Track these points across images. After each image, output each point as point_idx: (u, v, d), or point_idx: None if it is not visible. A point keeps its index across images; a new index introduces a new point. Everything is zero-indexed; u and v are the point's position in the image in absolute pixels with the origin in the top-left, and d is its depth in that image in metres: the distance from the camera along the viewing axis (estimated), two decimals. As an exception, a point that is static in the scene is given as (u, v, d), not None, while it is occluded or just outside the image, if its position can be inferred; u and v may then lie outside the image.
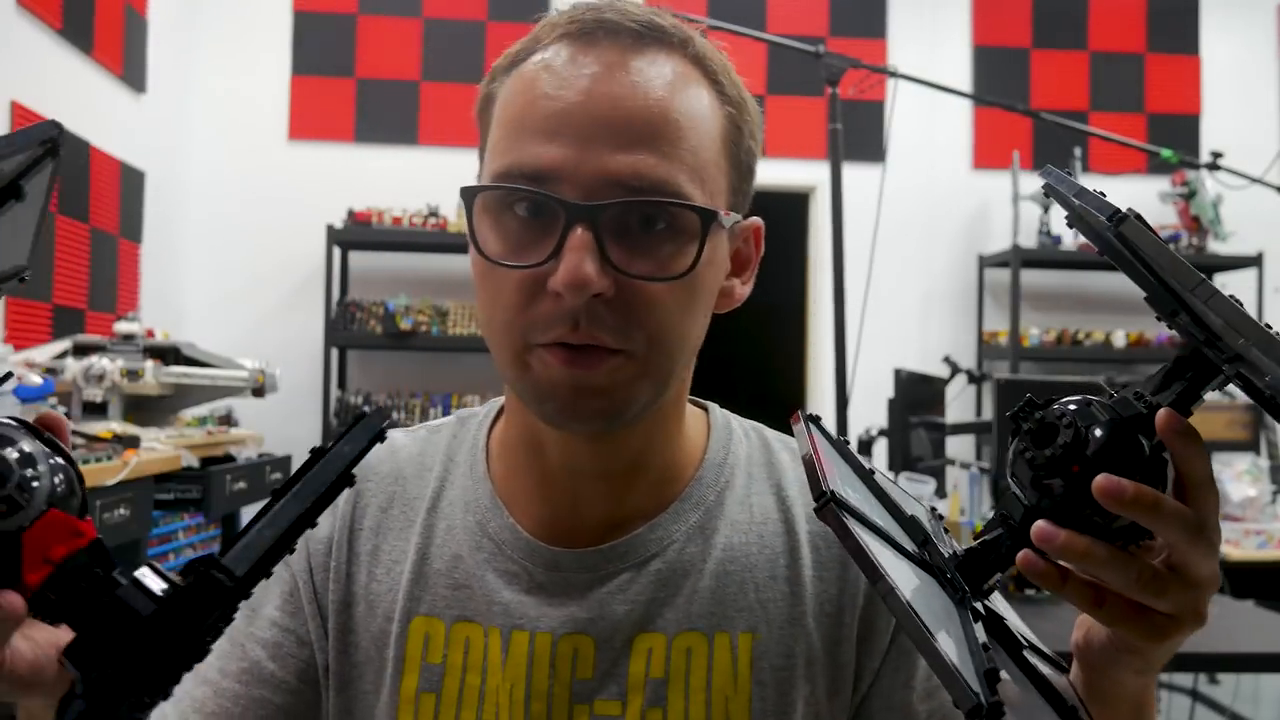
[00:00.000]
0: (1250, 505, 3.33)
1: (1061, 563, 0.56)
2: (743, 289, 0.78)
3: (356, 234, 4.40)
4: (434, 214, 4.44)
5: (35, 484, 0.48)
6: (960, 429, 3.83)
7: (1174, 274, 0.51)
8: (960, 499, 2.80)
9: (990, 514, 2.85)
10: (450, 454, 0.82)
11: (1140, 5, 5.10)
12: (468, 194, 0.70)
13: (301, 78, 4.67)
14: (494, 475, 0.79)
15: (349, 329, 4.41)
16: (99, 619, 0.48)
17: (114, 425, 2.64)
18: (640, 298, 0.66)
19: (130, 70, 3.90)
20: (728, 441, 0.81)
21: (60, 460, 0.50)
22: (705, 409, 0.84)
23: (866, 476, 0.65)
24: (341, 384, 4.59)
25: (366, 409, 4.38)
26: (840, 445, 0.66)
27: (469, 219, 0.70)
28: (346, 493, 0.79)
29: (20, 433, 0.49)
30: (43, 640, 0.54)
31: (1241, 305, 0.50)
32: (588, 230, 0.64)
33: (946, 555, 0.60)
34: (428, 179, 4.55)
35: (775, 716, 0.73)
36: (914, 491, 2.91)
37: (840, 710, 0.76)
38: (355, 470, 0.78)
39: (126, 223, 3.92)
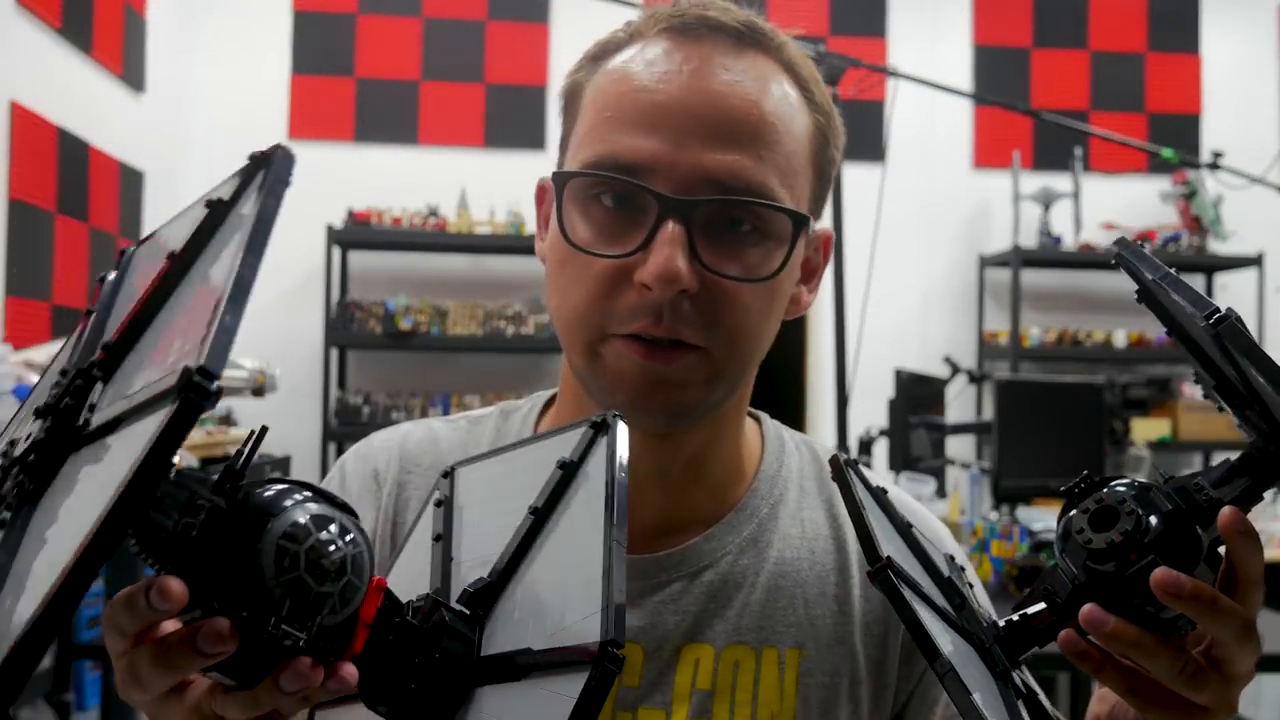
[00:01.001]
0: (1251, 505, 3.32)
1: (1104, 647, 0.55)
2: (809, 297, 0.77)
3: (356, 234, 4.40)
4: (434, 214, 4.43)
5: (363, 564, 0.47)
6: (960, 429, 3.83)
7: (1275, 381, 0.50)
8: (960, 499, 2.80)
9: (990, 514, 2.84)
10: (494, 447, 0.80)
11: (1141, 5, 5.10)
12: (560, 179, 0.69)
13: (301, 77, 4.67)
14: None
15: (349, 329, 4.40)
16: (421, 669, 0.49)
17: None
18: (724, 297, 0.66)
19: (130, 70, 3.90)
20: (781, 454, 0.81)
21: (356, 520, 0.48)
22: (758, 420, 0.83)
23: (905, 530, 0.64)
24: (341, 384, 4.59)
25: (366, 409, 4.38)
26: (879, 494, 0.65)
27: (557, 205, 0.69)
28: (387, 486, 0.78)
29: (326, 506, 0.47)
30: None
31: None
32: (680, 225, 0.64)
33: (985, 623, 0.59)
34: (428, 179, 4.55)
35: None
36: (914, 491, 2.90)
37: None
38: (399, 461, 0.79)
39: (126, 223, 3.92)
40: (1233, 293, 4.97)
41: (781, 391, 5.13)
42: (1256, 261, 4.75)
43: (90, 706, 3.48)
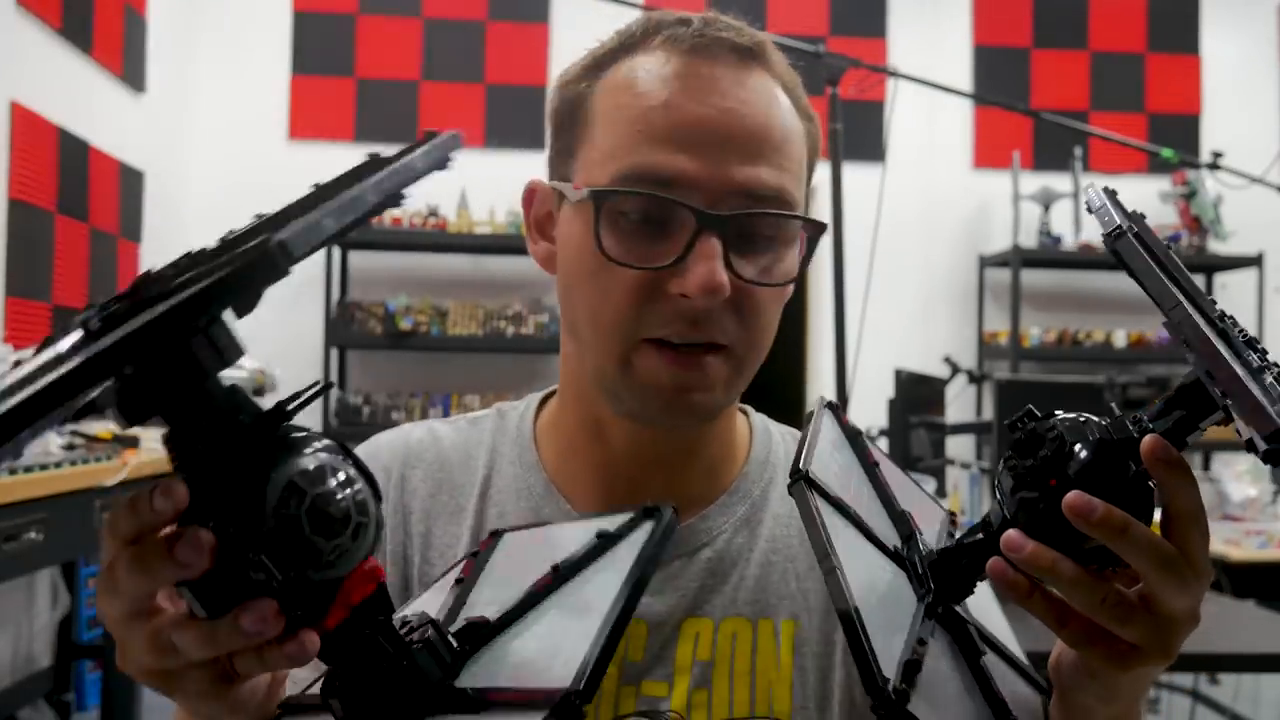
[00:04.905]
0: (1250, 505, 3.33)
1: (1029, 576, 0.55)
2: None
3: (356, 234, 4.40)
4: (434, 214, 4.43)
5: (365, 537, 0.45)
6: (960, 429, 3.83)
7: (1155, 293, 0.49)
8: (960, 499, 2.80)
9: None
10: (494, 445, 0.84)
11: (1140, 5, 5.10)
12: (599, 196, 0.70)
13: (301, 77, 4.67)
14: (545, 464, 0.81)
15: (349, 329, 4.40)
16: (387, 674, 0.47)
17: (113, 425, 2.64)
18: (750, 301, 0.71)
19: (130, 70, 3.90)
20: (768, 442, 0.86)
21: (380, 503, 0.47)
22: (745, 412, 0.88)
23: (871, 468, 0.68)
24: (341, 384, 4.59)
25: (366, 409, 4.38)
26: (852, 434, 0.69)
27: (595, 219, 0.70)
28: (393, 479, 0.82)
29: (354, 470, 0.46)
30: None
31: (1203, 328, 0.48)
32: (717, 238, 0.68)
33: (924, 553, 0.61)
34: (428, 179, 4.54)
35: (815, 700, 0.76)
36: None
37: None
38: (403, 457, 0.82)
39: (126, 223, 3.92)
40: (1232, 293, 4.97)
41: (782, 392, 5.11)
42: (1256, 261, 4.75)
43: (90, 706, 3.48)
